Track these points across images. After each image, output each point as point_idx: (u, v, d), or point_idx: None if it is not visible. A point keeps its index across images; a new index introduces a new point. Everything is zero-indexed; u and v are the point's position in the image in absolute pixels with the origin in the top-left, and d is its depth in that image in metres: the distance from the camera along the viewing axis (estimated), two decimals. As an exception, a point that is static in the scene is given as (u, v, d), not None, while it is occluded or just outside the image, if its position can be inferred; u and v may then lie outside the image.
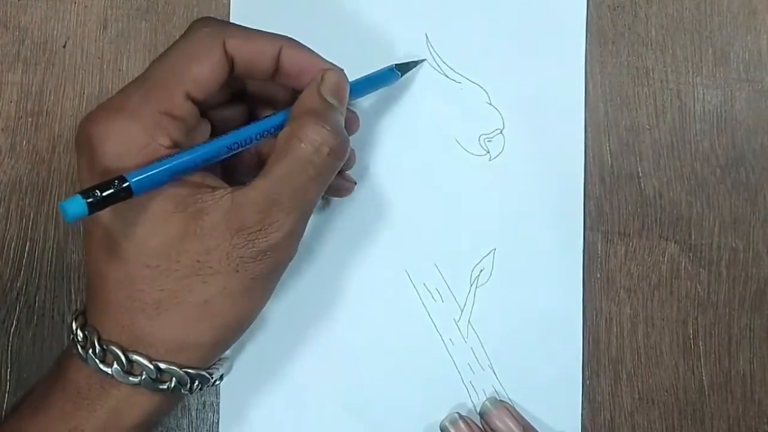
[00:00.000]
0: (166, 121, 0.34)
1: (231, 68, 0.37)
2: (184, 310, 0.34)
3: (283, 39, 0.37)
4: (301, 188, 0.35)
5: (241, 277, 0.34)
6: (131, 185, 0.32)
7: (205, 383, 0.37)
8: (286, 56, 0.37)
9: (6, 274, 0.45)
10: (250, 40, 0.37)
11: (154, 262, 0.34)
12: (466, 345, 0.45)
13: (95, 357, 0.35)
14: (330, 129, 0.35)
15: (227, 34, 0.36)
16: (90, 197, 0.31)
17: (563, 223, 0.45)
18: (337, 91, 0.37)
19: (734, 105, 0.46)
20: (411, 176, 0.45)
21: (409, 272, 0.45)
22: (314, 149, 0.35)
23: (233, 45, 0.36)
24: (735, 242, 0.46)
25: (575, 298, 0.45)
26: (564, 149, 0.46)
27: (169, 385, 0.35)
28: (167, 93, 0.35)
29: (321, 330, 0.45)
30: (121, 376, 0.35)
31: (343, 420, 0.45)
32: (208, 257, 0.34)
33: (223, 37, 0.36)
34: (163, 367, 0.35)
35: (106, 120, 0.34)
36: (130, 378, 0.35)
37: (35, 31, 0.46)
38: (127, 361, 0.34)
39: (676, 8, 0.46)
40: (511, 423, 0.43)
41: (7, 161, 0.45)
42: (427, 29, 0.46)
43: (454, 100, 0.45)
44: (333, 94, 0.37)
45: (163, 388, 0.35)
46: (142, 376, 0.35)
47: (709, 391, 0.46)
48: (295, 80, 0.38)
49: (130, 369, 0.35)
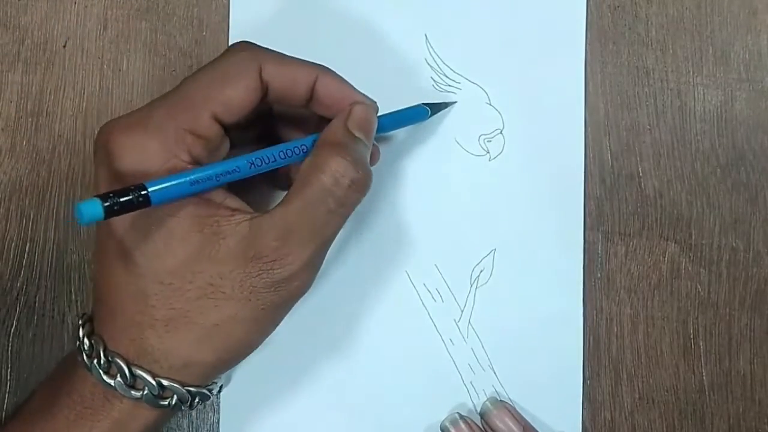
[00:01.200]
0: (190, 138, 0.34)
1: (264, 94, 0.36)
2: (193, 330, 0.34)
3: (320, 68, 0.37)
4: (319, 220, 0.34)
5: (252, 306, 0.34)
6: (150, 194, 0.31)
7: (204, 400, 0.37)
8: (321, 86, 0.37)
9: (6, 274, 0.45)
10: (287, 68, 0.36)
11: (168, 279, 0.34)
12: (466, 345, 0.45)
13: (99, 368, 0.35)
14: (352, 161, 0.35)
15: (264, 59, 0.36)
16: (107, 201, 0.30)
17: (563, 223, 0.45)
18: (364, 125, 0.37)
19: (734, 105, 0.46)
20: (411, 176, 0.45)
21: (409, 272, 0.45)
22: (335, 181, 0.34)
23: (269, 71, 0.36)
24: (735, 242, 0.46)
25: (575, 298, 0.45)
26: (564, 149, 0.46)
27: (170, 402, 0.35)
28: (194, 112, 0.34)
29: (321, 330, 0.45)
30: (123, 389, 0.34)
31: (344, 420, 0.45)
32: (221, 282, 0.34)
33: (259, 63, 0.36)
34: (166, 384, 0.35)
35: (128, 132, 0.34)
36: (132, 392, 0.35)
37: (35, 31, 0.46)
38: (131, 375, 0.34)
39: (677, 8, 0.46)
40: (511, 423, 0.43)
41: (7, 161, 0.45)
42: (427, 29, 0.46)
43: (454, 100, 0.46)
44: (360, 128, 0.37)
45: (164, 405, 0.35)
46: (144, 391, 0.35)
47: (709, 391, 0.46)
48: (327, 109, 0.38)
49: (132, 383, 0.35)
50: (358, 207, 0.36)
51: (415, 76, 0.45)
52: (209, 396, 0.37)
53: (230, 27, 0.45)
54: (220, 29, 0.46)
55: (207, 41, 0.46)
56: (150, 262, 0.34)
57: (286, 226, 0.34)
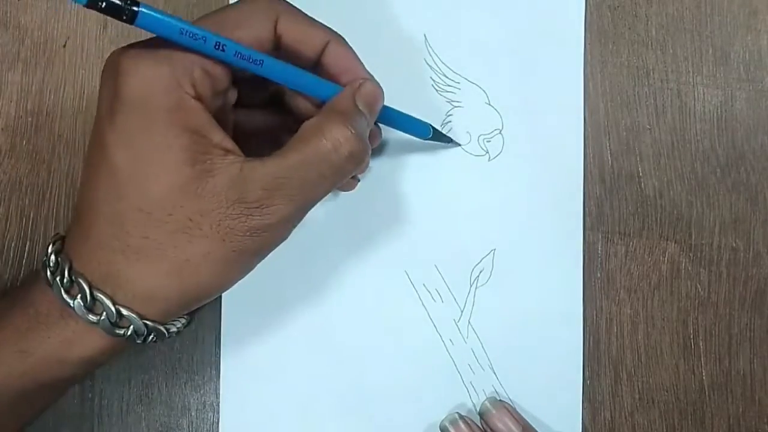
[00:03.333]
0: (198, 73, 0.34)
1: (277, 46, 0.37)
2: (164, 262, 0.34)
3: (333, 34, 0.38)
4: (310, 181, 0.35)
5: (226, 246, 0.34)
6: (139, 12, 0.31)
7: (160, 338, 0.36)
8: (331, 51, 0.38)
9: (6, 274, 0.45)
10: (302, 25, 0.37)
11: (148, 207, 0.34)
12: (466, 345, 0.45)
13: (61, 285, 0.35)
14: (355, 134, 0.35)
15: (281, 11, 0.36)
16: None
17: (563, 223, 0.45)
18: (371, 102, 0.38)
19: (734, 105, 0.46)
20: (410, 177, 0.45)
21: (408, 273, 0.45)
22: (334, 148, 0.35)
23: (284, 25, 0.36)
24: (735, 242, 0.46)
25: (575, 298, 0.45)
26: (564, 149, 0.46)
27: (125, 332, 0.35)
28: None
29: (321, 330, 0.45)
30: (81, 311, 0.34)
31: (344, 420, 0.45)
32: (200, 219, 0.34)
33: (276, 14, 0.36)
34: (125, 313, 0.35)
35: (139, 55, 0.34)
36: (90, 316, 0.35)
37: (35, 31, 0.46)
38: (91, 298, 0.34)
39: (677, 8, 0.46)
40: (510, 423, 0.43)
41: (7, 161, 0.45)
42: (426, 29, 0.46)
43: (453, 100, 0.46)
44: (366, 104, 0.37)
45: (119, 333, 0.35)
46: (101, 316, 0.35)
47: (709, 391, 0.46)
48: (333, 77, 0.38)
49: (91, 306, 0.35)
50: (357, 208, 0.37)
51: (414, 76, 0.45)
52: (165, 334, 0.36)
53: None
54: (220, 29, 0.46)
55: (207, 41, 0.46)
56: (134, 187, 0.34)
57: (277, 178, 0.34)
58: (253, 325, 0.45)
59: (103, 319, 0.35)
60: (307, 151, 0.35)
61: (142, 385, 0.45)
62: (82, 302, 0.34)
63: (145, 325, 0.35)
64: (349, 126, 0.35)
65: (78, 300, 0.34)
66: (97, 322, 0.35)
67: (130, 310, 0.35)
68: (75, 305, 0.34)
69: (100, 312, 0.35)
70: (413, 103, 0.44)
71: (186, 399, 0.45)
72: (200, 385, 0.45)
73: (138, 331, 0.35)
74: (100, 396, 0.45)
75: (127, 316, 0.35)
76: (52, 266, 0.36)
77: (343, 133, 0.35)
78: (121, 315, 0.35)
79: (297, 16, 0.37)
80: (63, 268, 0.35)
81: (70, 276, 0.35)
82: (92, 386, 0.45)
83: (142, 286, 0.34)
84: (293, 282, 0.45)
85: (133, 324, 0.35)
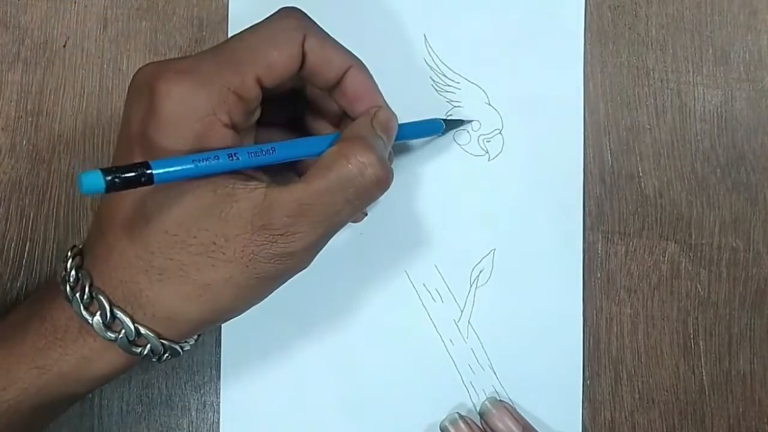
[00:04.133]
0: (232, 99, 0.34)
1: (301, 66, 0.37)
2: (186, 285, 0.34)
3: (356, 60, 0.38)
4: (335, 206, 0.35)
5: (249, 272, 0.34)
6: (153, 174, 0.31)
7: (174, 356, 0.37)
8: (351, 76, 0.38)
9: (6, 274, 0.45)
10: (327, 47, 0.37)
11: (173, 230, 0.34)
12: (466, 345, 0.45)
13: (81, 302, 0.35)
14: (379, 157, 0.35)
15: (309, 31, 0.36)
16: (110, 175, 0.30)
17: (563, 223, 0.45)
18: (387, 127, 0.38)
19: (734, 105, 0.46)
20: (410, 176, 0.45)
21: (409, 272, 0.45)
22: (359, 172, 0.35)
23: (310, 44, 0.36)
24: (735, 242, 0.46)
25: (575, 298, 0.45)
26: (563, 149, 0.46)
27: (142, 351, 0.35)
28: (241, 71, 0.35)
29: (321, 330, 0.45)
30: (100, 328, 0.34)
31: (344, 420, 0.45)
32: (224, 243, 0.34)
33: (305, 33, 0.36)
34: (143, 332, 0.35)
35: (176, 78, 0.34)
36: (108, 333, 0.35)
37: (35, 31, 0.46)
38: (111, 316, 0.34)
39: (677, 8, 0.46)
40: (510, 423, 0.43)
41: (7, 161, 0.45)
42: (426, 30, 0.46)
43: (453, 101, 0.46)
44: (383, 129, 0.37)
45: (135, 352, 0.35)
46: (120, 334, 0.35)
47: (709, 391, 0.46)
48: (348, 102, 0.38)
49: (110, 324, 0.35)
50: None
51: (414, 76, 0.45)
52: (180, 353, 0.37)
53: (229, 27, 0.45)
54: (220, 29, 0.46)
55: (207, 41, 0.46)
56: (160, 209, 0.34)
57: (302, 204, 0.34)
58: (253, 326, 0.45)
59: (121, 337, 0.35)
60: (331, 176, 0.34)
61: (142, 385, 0.45)
62: (101, 320, 0.34)
63: (162, 344, 0.35)
64: (373, 151, 0.35)
65: (97, 317, 0.34)
66: (115, 339, 0.35)
67: (148, 330, 0.35)
68: (94, 323, 0.34)
69: (118, 330, 0.35)
70: (413, 103, 0.44)
71: (186, 399, 0.45)
72: (200, 385, 0.45)
73: (154, 349, 0.35)
74: (100, 396, 0.45)
75: (145, 335, 0.35)
76: (71, 282, 0.35)
77: (368, 157, 0.35)
78: (140, 334, 0.35)
79: (323, 36, 0.37)
80: (84, 285, 0.35)
81: (90, 293, 0.35)
82: (92, 386, 0.45)
83: (163, 307, 0.35)
84: (293, 282, 0.45)
85: (151, 343, 0.35)
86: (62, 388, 0.36)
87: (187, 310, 0.35)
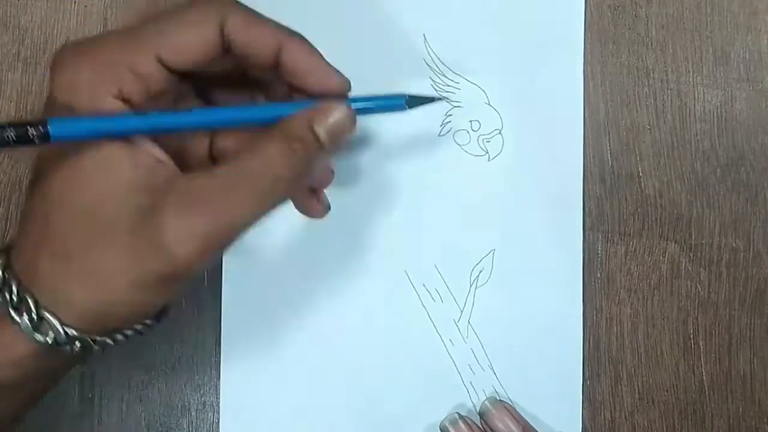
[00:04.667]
0: (125, 73, 0.33)
1: (228, 50, 0.35)
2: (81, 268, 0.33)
3: (286, 35, 0.35)
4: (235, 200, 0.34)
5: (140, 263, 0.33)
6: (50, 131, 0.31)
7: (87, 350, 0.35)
8: (286, 54, 0.35)
9: (6, 274, 0.45)
10: (251, 27, 0.35)
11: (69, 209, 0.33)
12: (465, 345, 0.45)
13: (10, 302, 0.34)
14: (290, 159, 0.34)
15: (229, 13, 0.34)
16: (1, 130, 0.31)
17: (563, 223, 0.45)
18: (336, 133, 0.35)
19: (734, 105, 0.46)
20: (410, 176, 0.45)
21: (408, 273, 0.45)
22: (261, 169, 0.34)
23: (232, 27, 0.34)
24: (735, 242, 0.46)
25: (575, 298, 0.45)
26: (563, 149, 0.46)
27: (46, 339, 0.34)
28: (137, 47, 0.34)
29: (321, 330, 0.45)
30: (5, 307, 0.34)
31: (344, 420, 0.45)
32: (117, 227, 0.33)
33: (221, 16, 0.34)
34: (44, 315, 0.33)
35: (70, 54, 0.34)
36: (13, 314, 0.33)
37: (35, 31, 0.46)
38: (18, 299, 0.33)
39: (677, 8, 0.46)
40: (510, 423, 0.43)
41: (7, 161, 0.45)
42: (426, 29, 0.46)
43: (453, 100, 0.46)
44: (330, 134, 0.35)
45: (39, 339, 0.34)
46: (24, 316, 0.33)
47: (709, 391, 0.46)
48: (295, 79, 0.36)
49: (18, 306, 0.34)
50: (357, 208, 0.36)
51: (413, 76, 0.45)
52: (91, 345, 0.34)
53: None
54: (220, 29, 0.46)
55: (207, 41, 0.46)
56: (61, 189, 0.33)
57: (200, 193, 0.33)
58: (253, 326, 0.45)
59: (24, 320, 0.33)
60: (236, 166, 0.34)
61: (142, 385, 0.45)
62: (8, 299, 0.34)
63: (66, 333, 0.34)
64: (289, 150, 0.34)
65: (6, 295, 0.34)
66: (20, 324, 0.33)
67: (51, 314, 0.33)
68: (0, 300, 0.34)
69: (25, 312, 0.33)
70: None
71: (186, 399, 0.45)
72: (200, 385, 0.45)
73: (58, 337, 0.34)
74: (100, 396, 0.45)
75: (46, 319, 0.33)
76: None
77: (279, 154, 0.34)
78: (41, 318, 0.33)
79: (246, 17, 0.35)
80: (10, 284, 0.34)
81: (4, 274, 0.34)
82: (92, 386, 0.45)
83: (61, 289, 0.34)
84: (293, 282, 0.45)
85: (52, 329, 0.33)
86: None
87: (82, 295, 0.33)
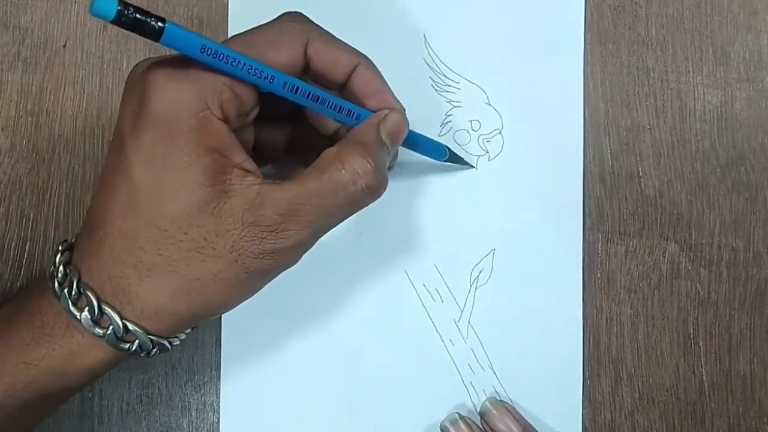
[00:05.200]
0: (226, 95, 0.34)
1: (306, 69, 0.37)
2: (175, 280, 0.34)
3: (362, 57, 0.38)
4: (325, 210, 0.35)
5: (238, 267, 0.34)
6: (165, 28, 0.31)
7: (163, 351, 0.36)
8: (358, 75, 0.38)
9: (6, 274, 0.45)
10: (332, 49, 0.37)
11: (164, 225, 0.34)
12: (466, 345, 0.45)
13: (69, 298, 0.35)
14: (374, 167, 0.35)
15: (312, 35, 0.37)
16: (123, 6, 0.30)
17: (563, 223, 0.45)
18: (395, 133, 0.38)
19: (734, 105, 0.46)
20: (410, 176, 0.45)
21: (408, 273, 0.45)
22: (353, 180, 0.35)
23: (315, 48, 0.37)
24: (735, 242, 0.46)
25: (575, 298, 0.45)
26: (563, 149, 0.46)
27: (130, 347, 0.35)
28: None
29: (321, 330, 0.45)
30: (88, 324, 0.34)
31: (343, 420, 0.45)
32: (215, 238, 0.34)
33: (307, 37, 0.36)
34: (131, 328, 0.35)
35: (169, 73, 0.34)
36: (96, 329, 0.34)
37: (35, 31, 0.46)
38: (99, 312, 0.34)
39: (677, 8, 0.46)
40: (511, 423, 0.43)
41: (7, 161, 0.45)
42: (426, 29, 0.46)
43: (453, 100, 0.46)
44: (390, 135, 0.38)
45: (123, 348, 0.35)
46: (108, 330, 0.34)
47: (709, 391, 0.46)
48: (359, 100, 0.38)
49: (98, 320, 0.34)
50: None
51: (413, 76, 0.45)
52: (168, 348, 0.36)
53: (229, 27, 0.45)
54: (220, 29, 0.46)
55: (207, 41, 0.46)
56: (152, 203, 0.34)
57: (293, 204, 0.34)
58: (253, 325, 0.45)
59: (109, 333, 0.35)
60: (325, 180, 0.35)
61: (142, 385, 0.45)
62: (89, 315, 0.34)
63: (150, 340, 0.35)
64: (369, 158, 0.35)
65: (85, 313, 0.34)
66: (103, 335, 0.35)
67: (136, 326, 0.35)
68: (82, 318, 0.34)
69: (106, 326, 0.35)
70: (413, 103, 0.43)
71: (186, 399, 0.45)
72: (200, 385, 0.45)
73: (143, 345, 0.35)
74: (100, 396, 0.45)
75: (133, 331, 0.35)
76: (59, 277, 0.35)
77: (363, 165, 0.35)
78: (128, 330, 0.35)
79: (328, 39, 0.37)
80: (71, 280, 0.35)
81: (78, 288, 0.35)
82: (92, 386, 0.45)
83: (152, 303, 0.35)
84: (293, 282, 0.45)
85: (138, 339, 0.35)
86: (49, 383, 0.35)
87: (176, 306, 0.35)
